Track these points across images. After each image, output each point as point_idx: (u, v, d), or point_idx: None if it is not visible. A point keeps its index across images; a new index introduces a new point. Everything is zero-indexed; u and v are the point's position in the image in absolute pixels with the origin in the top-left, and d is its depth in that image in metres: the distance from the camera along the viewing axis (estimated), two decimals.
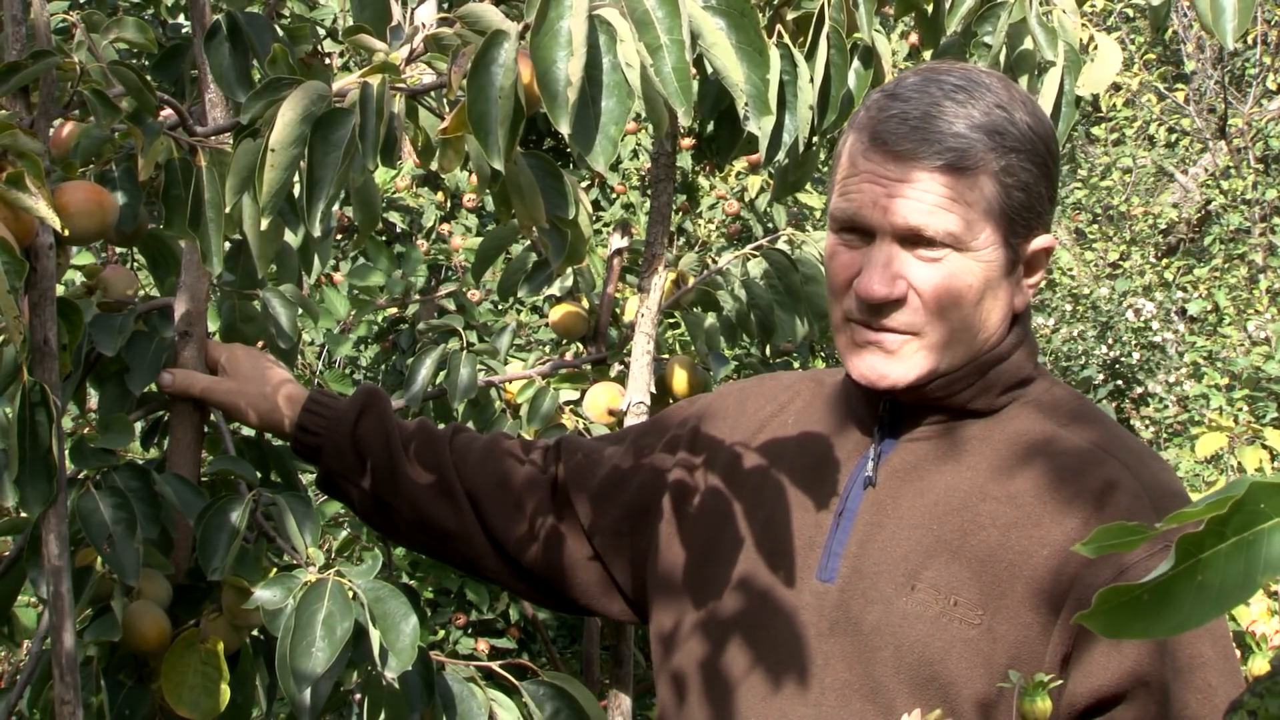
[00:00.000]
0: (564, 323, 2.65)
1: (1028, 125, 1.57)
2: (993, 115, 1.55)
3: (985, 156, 1.53)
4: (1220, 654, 1.49)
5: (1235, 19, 2.01)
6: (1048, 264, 1.64)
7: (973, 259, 1.55)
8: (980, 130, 1.54)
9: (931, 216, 1.53)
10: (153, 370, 1.91)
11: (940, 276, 1.54)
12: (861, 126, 1.58)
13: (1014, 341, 1.61)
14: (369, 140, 1.49)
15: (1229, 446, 3.85)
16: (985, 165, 1.53)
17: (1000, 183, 1.54)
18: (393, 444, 1.90)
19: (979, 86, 1.57)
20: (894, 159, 1.54)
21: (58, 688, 1.55)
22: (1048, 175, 1.59)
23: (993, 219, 1.55)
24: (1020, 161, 1.55)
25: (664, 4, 1.30)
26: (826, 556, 1.60)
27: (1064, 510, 1.51)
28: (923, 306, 1.55)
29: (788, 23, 2.18)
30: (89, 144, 1.68)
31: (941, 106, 1.54)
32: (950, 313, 1.55)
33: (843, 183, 1.59)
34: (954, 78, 1.57)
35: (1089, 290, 8.93)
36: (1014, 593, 1.50)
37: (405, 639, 1.67)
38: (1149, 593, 0.61)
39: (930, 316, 1.55)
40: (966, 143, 1.53)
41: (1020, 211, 1.56)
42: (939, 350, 1.57)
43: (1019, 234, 1.57)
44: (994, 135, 1.54)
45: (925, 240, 1.54)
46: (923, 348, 1.57)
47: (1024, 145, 1.56)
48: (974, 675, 1.49)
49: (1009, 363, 1.61)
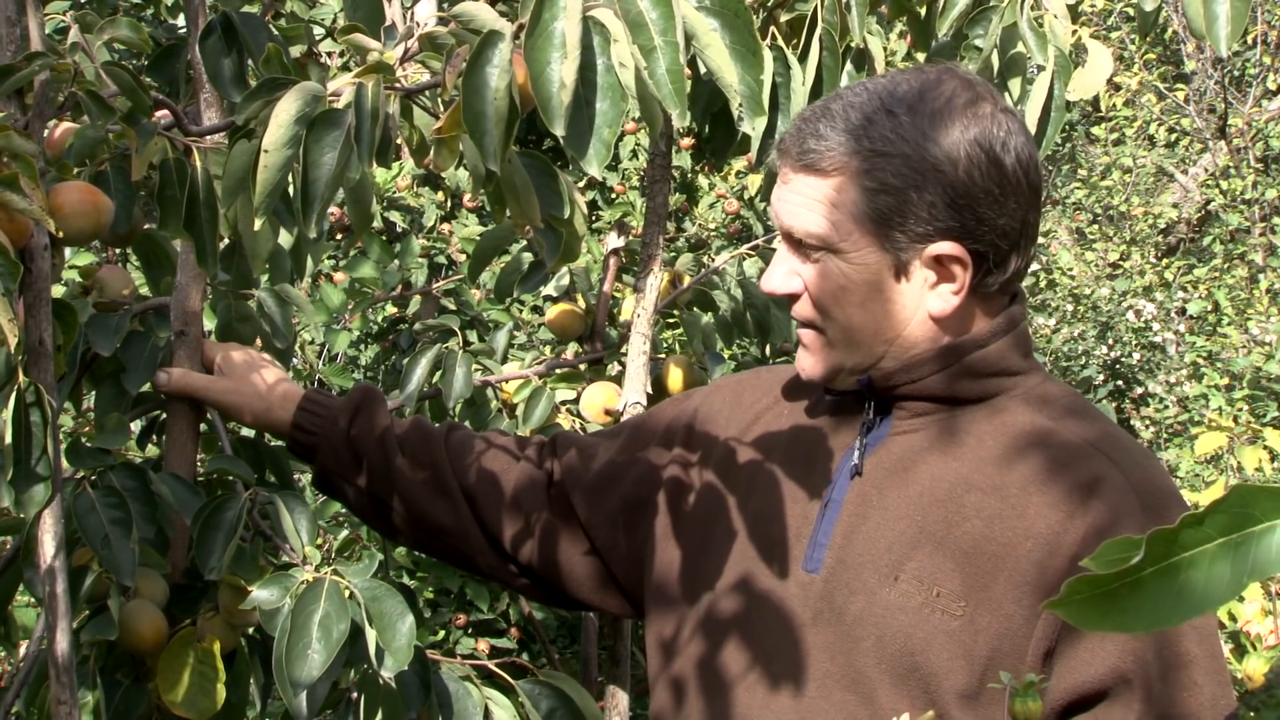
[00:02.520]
0: (561, 322, 2.66)
1: (912, 129, 1.53)
2: (875, 120, 1.54)
3: (840, 158, 1.55)
4: (1207, 652, 1.48)
5: (1229, 26, 2.00)
6: (969, 273, 1.57)
7: (844, 261, 1.57)
8: (846, 134, 1.55)
9: (796, 219, 1.58)
10: (149, 370, 1.91)
11: (816, 276, 1.59)
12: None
13: (992, 331, 1.61)
14: (364, 141, 1.49)
15: (1229, 446, 3.84)
16: (844, 167, 1.55)
17: (862, 186, 1.55)
18: (388, 442, 1.90)
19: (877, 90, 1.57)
20: (782, 164, 1.60)
21: (54, 688, 1.55)
22: (925, 181, 1.54)
23: (857, 221, 1.56)
24: (883, 164, 1.54)
25: (658, 5, 1.30)
26: (812, 547, 1.61)
27: (1049, 503, 1.52)
28: (809, 300, 1.61)
29: (781, 25, 2.18)
30: (83, 145, 1.68)
31: (829, 109, 1.58)
32: (834, 310, 1.59)
33: None
34: (865, 84, 1.60)
35: (1089, 290, 8.92)
36: (997, 585, 1.50)
37: (401, 638, 1.68)
38: (1125, 586, 0.61)
39: (817, 311, 1.61)
40: (826, 145, 1.55)
41: (890, 216, 1.55)
42: (838, 346, 1.61)
43: (898, 240, 1.55)
44: (857, 139, 1.55)
45: (801, 240, 1.59)
46: (825, 343, 1.62)
47: (894, 148, 1.54)
48: (955, 667, 1.49)
49: (987, 350, 1.60)
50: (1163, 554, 0.62)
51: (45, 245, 1.53)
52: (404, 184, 4.44)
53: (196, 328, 1.92)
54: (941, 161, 1.54)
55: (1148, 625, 0.63)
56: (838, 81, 2.13)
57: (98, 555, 1.72)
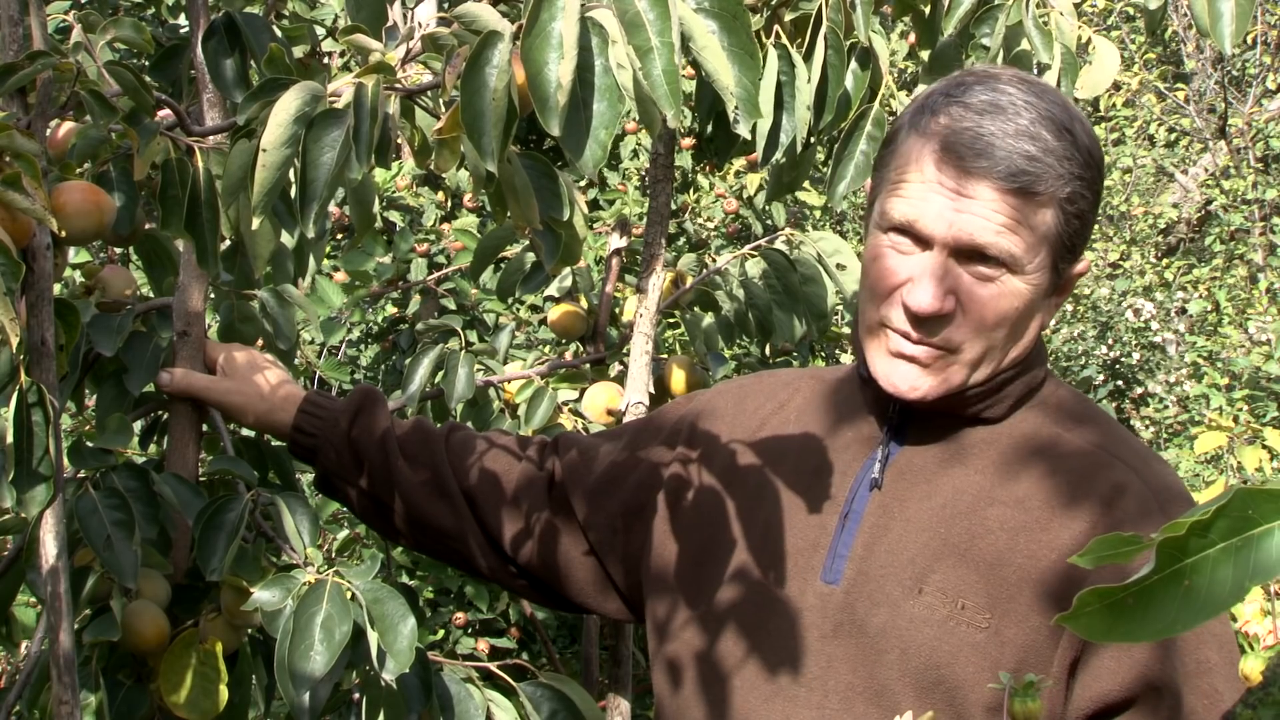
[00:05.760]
0: (562, 322, 2.66)
1: (1089, 150, 1.56)
2: (1063, 139, 1.53)
3: (1055, 184, 1.52)
4: (1226, 659, 1.48)
5: (1233, 24, 2.00)
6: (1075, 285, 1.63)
7: (1023, 281, 1.54)
8: (1053, 155, 1.52)
9: (998, 236, 1.51)
10: (151, 370, 1.91)
11: (990, 296, 1.53)
12: (930, 133, 1.54)
13: (1034, 356, 1.61)
14: (363, 141, 1.49)
15: (1229, 446, 3.84)
16: (1054, 192, 1.52)
17: (1063, 210, 1.54)
18: (388, 444, 1.90)
19: (1045, 103, 1.55)
20: (966, 174, 1.51)
21: (56, 688, 1.55)
22: (1098, 200, 1.59)
23: (1049, 244, 1.54)
24: (1082, 189, 1.55)
25: (655, 6, 1.30)
26: (831, 558, 1.59)
27: (1072, 514, 1.51)
28: (967, 324, 1.54)
29: (785, 24, 2.17)
30: (86, 144, 1.68)
31: (1017, 125, 1.52)
32: (992, 332, 1.55)
33: (904, 185, 1.55)
34: (1022, 92, 1.55)
35: (1089, 290, 8.92)
36: (1022, 597, 1.50)
37: (403, 640, 1.67)
38: (1133, 596, 0.61)
39: (972, 334, 1.55)
40: (1041, 168, 1.51)
41: (1073, 238, 1.56)
42: (972, 366, 1.56)
43: (1066, 259, 1.57)
44: (1064, 161, 1.53)
45: (983, 258, 1.53)
46: (957, 363, 1.56)
47: (1087, 173, 1.55)
48: (981, 679, 1.49)
49: (1027, 376, 1.61)
50: (1170, 562, 0.62)
51: (47, 245, 1.53)
52: (404, 184, 4.44)
53: (199, 328, 1.92)
54: (1103, 178, 1.58)
55: (1153, 634, 0.63)
56: (842, 81, 2.12)
57: (99, 556, 1.72)
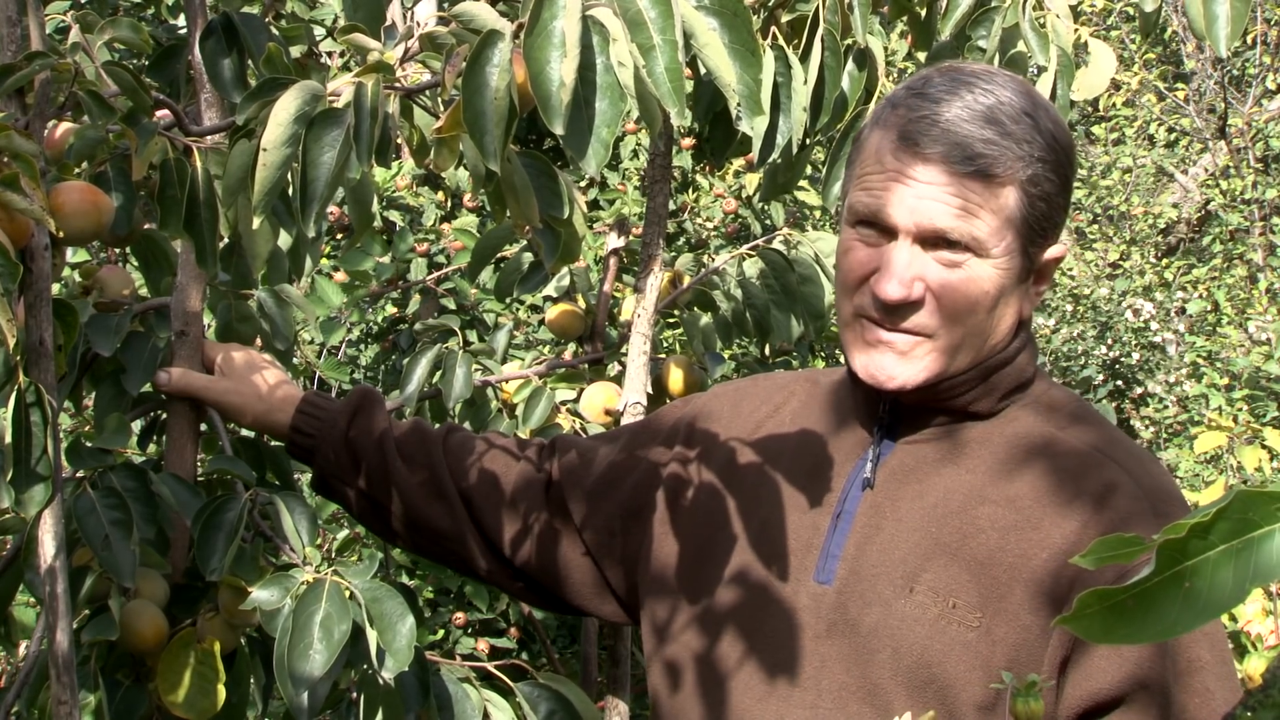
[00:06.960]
0: (561, 322, 2.65)
1: (1052, 134, 1.56)
2: (1022, 123, 1.54)
3: (1014, 165, 1.53)
4: (1218, 658, 1.49)
5: (1229, 26, 2.00)
6: (1055, 272, 1.64)
7: (991, 265, 1.54)
8: (1011, 139, 1.53)
9: (959, 220, 1.52)
10: (149, 370, 1.91)
11: (958, 281, 1.54)
12: (889, 124, 1.56)
13: (1019, 346, 1.61)
14: (363, 140, 1.49)
15: (1229, 446, 3.84)
16: (1013, 174, 1.53)
17: (1026, 193, 1.54)
18: (386, 445, 1.90)
19: (1006, 90, 1.56)
20: (923, 160, 1.53)
21: (54, 688, 1.55)
22: (1067, 185, 1.59)
23: (1014, 227, 1.54)
24: (1045, 171, 1.55)
25: (657, 4, 1.30)
26: (824, 558, 1.60)
27: (1063, 513, 1.52)
28: (938, 309, 1.55)
29: (782, 25, 2.18)
30: (84, 145, 1.68)
31: (973, 110, 1.53)
32: (965, 317, 1.55)
33: (866, 178, 1.57)
34: (982, 81, 1.56)
35: (1089, 290, 8.92)
36: (1013, 595, 1.50)
37: (402, 639, 1.67)
38: (1133, 598, 0.61)
39: (944, 320, 1.55)
40: (998, 150, 1.52)
41: (1040, 221, 1.56)
42: (949, 353, 1.57)
43: (1036, 243, 1.57)
44: (1023, 144, 1.53)
45: (948, 243, 1.53)
46: (933, 350, 1.56)
47: (1050, 155, 1.55)
48: (973, 678, 1.49)
49: (1013, 366, 1.61)
50: (1171, 564, 0.62)
51: (46, 245, 1.53)
52: (403, 183, 4.44)
53: (197, 328, 1.92)
54: (1072, 164, 1.59)
55: (1153, 636, 0.63)
56: (839, 82, 2.12)
57: (98, 556, 1.72)
